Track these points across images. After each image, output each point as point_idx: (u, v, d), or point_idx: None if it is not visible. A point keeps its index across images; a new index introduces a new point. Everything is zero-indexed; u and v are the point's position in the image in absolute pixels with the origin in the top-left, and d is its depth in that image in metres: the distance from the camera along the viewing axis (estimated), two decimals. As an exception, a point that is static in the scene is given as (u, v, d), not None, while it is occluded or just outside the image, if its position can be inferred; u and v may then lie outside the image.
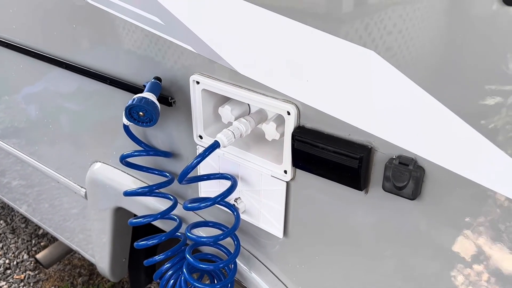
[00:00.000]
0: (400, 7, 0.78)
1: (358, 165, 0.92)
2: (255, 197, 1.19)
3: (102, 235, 1.79)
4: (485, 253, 0.87)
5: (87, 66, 1.42)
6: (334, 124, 0.95)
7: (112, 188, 1.59)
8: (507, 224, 0.82)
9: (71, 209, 1.99)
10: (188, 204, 1.17)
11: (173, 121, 1.28)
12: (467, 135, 0.79)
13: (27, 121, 1.88)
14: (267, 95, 1.03)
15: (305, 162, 1.01)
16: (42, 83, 1.67)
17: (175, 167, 1.38)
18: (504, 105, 0.74)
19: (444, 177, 0.85)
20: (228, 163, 1.20)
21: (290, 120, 1.00)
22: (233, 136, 1.07)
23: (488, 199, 0.82)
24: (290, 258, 1.22)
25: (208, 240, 1.24)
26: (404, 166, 0.86)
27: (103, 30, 1.30)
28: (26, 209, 2.34)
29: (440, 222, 0.90)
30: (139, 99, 1.13)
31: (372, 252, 1.04)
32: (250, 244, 1.31)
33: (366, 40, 0.83)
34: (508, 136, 0.76)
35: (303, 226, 1.15)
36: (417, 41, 0.78)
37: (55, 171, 1.90)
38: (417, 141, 0.85)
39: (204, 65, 1.11)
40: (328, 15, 0.86)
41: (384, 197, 0.94)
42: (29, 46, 1.59)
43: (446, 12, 0.74)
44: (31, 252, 2.89)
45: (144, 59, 1.23)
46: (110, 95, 1.41)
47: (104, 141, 1.58)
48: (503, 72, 0.72)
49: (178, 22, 1.09)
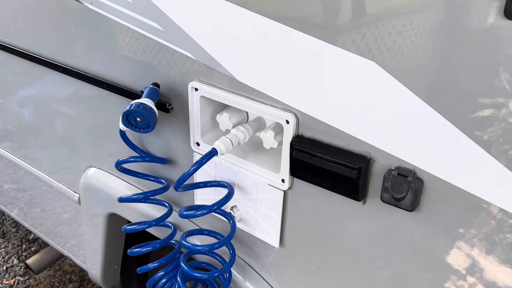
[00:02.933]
0: (400, 19, 0.78)
1: (357, 175, 0.91)
2: (252, 206, 1.18)
3: (95, 241, 1.77)
4: (479, 264, 0.87)
5: (85, 71, 1.41)
6: (333, 134, 0.94)
7: (106, 193, 1.57)
8: (501, 236, 0.83)
9: (64, 214, 1.97)
10: (184, 211, 1.16)
11: (170, 127, 1.28)
12: (464, 147, 0.79)
13: (21, 124, 1.86)
14: (266, 103, 1.02)
15: (303, 171, 1.01)
16: (38, 86, 1.66)
17: (171, 174, 1.37)
18: (500, 117, 0.74)
19: (442, 188, 0.85)
20: (225, 171, 1.20)
21: (289, 129, 1.00)
22: (231, 143, 1.07)
23: (483, 210, 0.82)
24: (286, 268, 1.22)
25: (203, 249, 1.22)
26: (403, 178, 0.86)
27: (101, 35, 1.30)
28: (18, 213, 2.31)
29: (436, 234, 0.90)
30: (137, 105, 1.12)
31: (367, 263, 1.03)
32: (245, 253, 1.30)
33: (366, 50, 0.83)
34: (503, 148, 0.76)
35: (299, 235, 1.14)
36: (417, 52, 0.79)
37: (48, 176, 1.88)
38: (416, 152, 0.85)
39: (203, 72, 1.11)
40: (328, 25, 0.86)
41: (382, 208, 0.94)
42: (26, 49, 1.58)
43: (444, 24, 0.75)
44: (21, 257, 2.85)
45: (142, 64, 1.23)
46: (106, 100, 1.40)
47: (99, 146, 1.57)
48: (502, 83, 0.72)
49: (177, 28, 1.09)
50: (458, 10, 0.72)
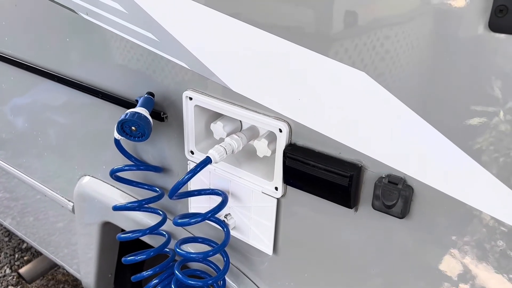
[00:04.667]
0: (390, 30, 0.80)
1: (348, 183, 0.93)
2: (246, 214, 1.19)
3: (88, 249, 1.76)
4: (471, 272, 0.89)
5: (80, 80, 1.42)
6: (325, 142, 0.96)
7: (101, 202, 1.57)
8: (492, 244, 0.84)
9: (57, 223, 1.96)
10: (178, 219, 1.17)
11: (165, 136, 1.29)
12: (454, 155, 0.81)
13: (15, 133, 1.86)
14: (259, 112, 1.04)
15: (296, 179, 1.02)
16: (33, 95, 1.66)
17: (165, 182, 1.37)
18: (489, 126, 0.76)
19: (432, 196, 0.86)
20: (219, 179, 1.21)
21: (282, 138, 1.01)
22: (225, 152, 1.08)
23: (474, 218, 0.84)
24: (279, 275, 1.22)
25: (198, 257, 1.23)
26: (393, 185, 0.87)
27: (97, 45, 1.31)
28: (10, 222, 2.30)
29: (427, 241, 0.91)
30: (132, 114, 1.13)
31: (360, 270, 1.04)
32: (239, 260, 1.30)
33: (357, 61, 0.85)
34: (493, 156, 0.78)
35: (292, 243, 1.15)
36: (406, 62, 0.81)
37: (42, 184, 1.88)
38: (406, 161, 0.87)
39: (197, 81, 1.12)
40: (318, 36, 0.88)
41: (373, 216, 0.95)
42: (21, 58, 1.59)
43: (434, 35, 0.77)
44: (14, 267, 2.82)
45: (137, 74, 1.24)
46: (101, 108, 1.41)
47: (93, 155, 1.57)
48: (489, 93, 0.74)
49: (172, 38, 1.10)
50: (447, 23, 0.74)
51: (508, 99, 0.73)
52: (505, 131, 0.75)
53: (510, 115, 0.74)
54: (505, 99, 0.73)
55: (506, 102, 0.73)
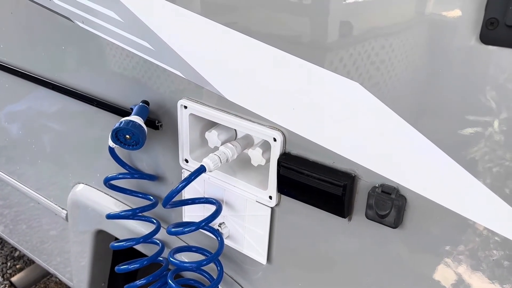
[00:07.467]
0: (386, 40, 0.81)
1: (342, 192, 0.93)
2: (239, 222, 1.19)
3: (82, 258, 1.75)
4: (464, 281, 0.89)
5: (74, 87, 1.42)
6: (319, 152, 0.96)
7: (94, 210, 1.56)
8: (486, 253, 0.84)
9: (50, 231, 1.95)
10: (171, 228, 1.16)
11: (159, 144, 1.29)
12: (446, 166, 0.81)
13: (9, 140, 1.85)
14: (254, 121, 1.04)
15: (290, 188, 1.02)
16: (28, 102, 1.66)
17: (160, 191, 1.37)
18: (482, 137, 0.77)
19: (425, 206, 0.87)
20: (213, 188, 1.21)
21: (276, 147, 1.01)
22: (219, 160, 1.08)
23: (467, 228, 0.84)
24: (273, 284, 1.22)
25: (191, 266, 1.22)
26: (386, 195, 0.88)
27: (92, 53, 1.31)
28: (3, 230, 2.28)
29: (421, 250, 0.91)
30: (127, 122, 1.13)
31: (354, 279, 1.04)
32: (233, 270, 1.30)
33: (351, 72, 0.86)
34: (486, 166, 0.78)
35: (286, 252, 1.15)
36: (400, 73, 0.81)
37: (35, 192, 1.87)
38: (399, 171, 0.87)
39: (192, 90, 1.12)
40: (313, 46, 0.89)
41: (366, 225, 0.96)
42: (16, 65, 1.59)
43: (427, 45, 0.78)
44: (6, 275, 2.79)
45: (132, 82, 1.24)
46: (96, 116, 1.41)
47: (87, 163, 1.56)
48: (481, 104, 0.75)
49: (167, 47, 1.11)
50: (440, 34, 0.75)
51: (501, 109, 0.74)
52: (498, 141, 0.76)
53: (503, 125, 0.75)
54: (498, 109, 0.74)
55: (499, 113, 0.74)
